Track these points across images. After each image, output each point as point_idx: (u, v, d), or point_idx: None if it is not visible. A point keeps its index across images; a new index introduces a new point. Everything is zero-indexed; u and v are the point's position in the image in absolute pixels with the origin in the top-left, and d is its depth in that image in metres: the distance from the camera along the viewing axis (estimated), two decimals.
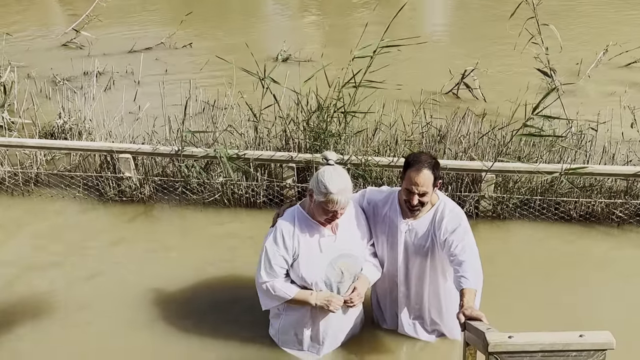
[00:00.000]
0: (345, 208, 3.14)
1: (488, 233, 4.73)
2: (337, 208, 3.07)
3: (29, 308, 3.99)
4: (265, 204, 5.11)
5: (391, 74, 5.50)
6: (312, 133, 5.10)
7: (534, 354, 2.42)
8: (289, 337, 3.46)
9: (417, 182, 3.11)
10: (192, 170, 5.12)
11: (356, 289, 3.28)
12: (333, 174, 3.08)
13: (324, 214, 3.12)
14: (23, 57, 8.62)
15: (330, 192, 3.02)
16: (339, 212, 3.10)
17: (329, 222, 3.19)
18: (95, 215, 5.10)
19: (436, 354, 3.54)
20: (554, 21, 6.45)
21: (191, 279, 4.23)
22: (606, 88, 7.36)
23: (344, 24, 10.83)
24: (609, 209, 4.83)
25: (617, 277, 4.29)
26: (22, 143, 5.34)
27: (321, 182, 3.05)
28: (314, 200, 3.13)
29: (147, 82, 7.75)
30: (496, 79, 7.54)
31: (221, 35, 10.03)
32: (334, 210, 3.08)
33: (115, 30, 10.24)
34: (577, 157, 5.16)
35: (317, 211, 3.15)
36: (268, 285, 3.23)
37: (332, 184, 3.03)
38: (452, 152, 5.22)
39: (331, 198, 3.03)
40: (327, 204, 3.06)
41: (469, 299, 2.88)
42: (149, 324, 3.85)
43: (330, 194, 3.03)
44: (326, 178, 3.05)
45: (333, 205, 3.05)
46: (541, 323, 3.74)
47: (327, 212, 3.10)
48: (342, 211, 3.13)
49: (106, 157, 5.30)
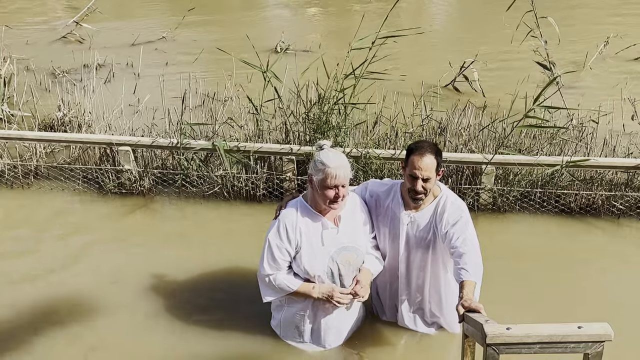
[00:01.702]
0: (347, 186, 3.12)
1: (488, 226, 4.73)
2: (337, 182, 3.06)
3: (27, 302, 3.99)
4: (265, 196, 5.11)
5: (391, 67, 5.49)
6: (312, 125, 5.09)
7: (532, 345, 2.42)
8: (291, 329, 3.46)
9: (421, 166, 3.11)
10: (191, 162, 5.12)
11: (359, 281, 3.27)
12: (329, 152, 3.12)
13: (326, 195, 3.09)
14: (23, 50, 8.60)
15: (328, 165, 3.04)
16: (340, 189, 3.09)
17: (333, 204, 3.13)
18: (95, 207, 5.09)
19: (435, 346, 3.55)
20: (552, 14, 6.40)
21: (191, 271, 4.23)
22: (607, 80, 7.33)
23: (345, 16, 10.79)
24: (609, 201, 4.83)
25: (617, 269, 4.29)
26: (21, 135, 5.34)
27: (318, 160, 3.08)
28: (314, 185, 3.12)
29: (147, 74, 7.73)
30: (496, 72, 7.51)
31: (221, 27, 10.00)
32: (335, 186, 3.06)
33: (116, 23, 10.20)
34: (577, 150, 5.15)
35: (319, 195, 3.13)
36: (271, 277, 3.23)
37: (329, 159, 3.07)
38: (452, 145, 5.21)
39: (329, 172, 3.04)
40: (326, 180, 3.05)
41: (468, 291, 2.88)
42: (149, 317, 3.84)
43: (328, 168, 3.04)
44: (322, 156, 3.10)
45: (333, 180, 3.05)
46: (540, 315, 3.75)
47: (328, 190, 3.07)
48: (344, 190, 3.11)
49: (106, 150, 5.30)
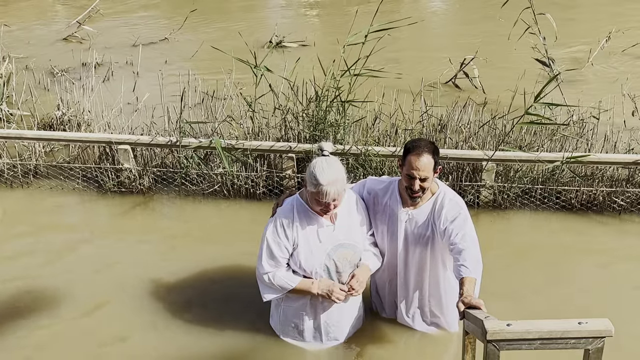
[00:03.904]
0: (339, 200, 3.10)
1: (489, 223, 4.71)
2: (328, 200, 3.03)
3: (28, 301, 3.98)
4: (265, 194, 5.09)
5: (391, 63, 5.47)
6: (310, 123, 5.07)
7: (533, 341, 2.41)
8: (289, 327, 3.45)
9: (418, 166, 3.09)
10: (191, 161, 5.10)
11: (355, 275, 3.25)
12: (324, 166, 3.05)
13: (317, 205, 3.11)
14: (22, 49, 8.58)
15: (321, 183, 3.00)
16: (331, 204, 3.07)
17: (324, 213, 3.17)
18: (94, 206, 5.09)
19: (436, 343, 3.53)
20: (552, 9, 6.39)
21: (190, 270, 4.22)
22: (608, 76, 7.30)
23: (342, 12, 10.73)
24: (610, 197, 4.81)
25: (618, 265, 4.27)
26: (20, 135, 5.32)
27: (312, 174, 3.04)
28: (308, 192, 3.12)
29: (146, 73, 7.71)
30: (496, 68, 7.48)
31: (220, 24, 9.96)
32: (326, 202, 3.05)
33: (117, 24, 10.17)
34: (578, 146, 5.13)
35: (311, 202, 3.15)
36: (269, 275, 3.22)
37: (322, 175, 3.00)
38: (452, 142, 5.19)
39: (321, 190, 3.01)
40: (317, 195, 3.04)
41: (468, 288, 2.87)
42: (149, 316, 3.83)
43: (320, 186, 3.00)
44: (317, 170, 3.03)
45: (324, 197, 3.02)
46: (541, 311, 3.74)
47: (319, 203, 3.08)
48: (335, 203, 3.09)
49: (105, 149, 5.29)
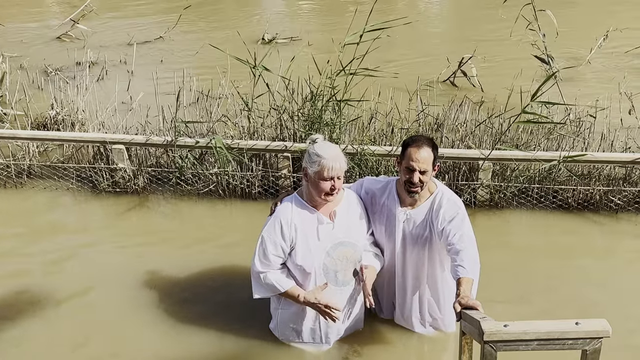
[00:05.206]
0: (342, 179, 3.11)
1: (486, 222, 4.70)
2: (333, 174, 3.05)
3: (21, 301, 3.95)
4: (261, 194, 5.07)
5: (387, 62, 5.45)
6: (306, 122, 5.04)
7: (530, 342, 2.40)
8: (288, 330, 3.43)
9: (418, 158, 3.09)
10: (186, 160, 5.07)
11: (368, 268, 3.25)
12: (323, 144, 3.12)
13: (322, 188, 3.07)
14: (16, 48, 8.53)
15: (324, 157, 3.03)
16: (336, 180, 3.07)
17: (329, 197, 3.11)
18: (89, 206, 5.05)
19: (433, 344, 3.51)
20: (551, 7, 6.37)
21: (187, 270, 4.19)
22: (605, 74, 7.30)
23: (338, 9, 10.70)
24: (607, 196, 4.80)
25: (615, 264, 4.26)
26: (14, 134, 5.29)
27: (313, 153, 3.07)
28: (309, 178, 3.10)
29: (140, 72, 7.67)
30: (494, 67, 7.47)
31: (215, 23, 9.94)
32: (331, 177, 3.05)
33: (112, 23, 10.13)
34: (575, 145, 5.12)
35: (314, 188, 3.10)
36: (261, 275, 3.21)
37: (324, 150, 3.06)
38: (449, 141, 5.17)
39: (325, 164, 3.02)
40: (322, 172, 3.04)
41: (465, 288, 2.85)
42: (143, 317, 3.80)
43: (323, 159, 3.03)
44: (317, 148, 3.09)
45: (329, 172, 3.03)
46: (538, 311, 3.73)
47: (324, 182, 3.05)
48: (340, 182, 3.10)
49: (99, 148, 5.26)
